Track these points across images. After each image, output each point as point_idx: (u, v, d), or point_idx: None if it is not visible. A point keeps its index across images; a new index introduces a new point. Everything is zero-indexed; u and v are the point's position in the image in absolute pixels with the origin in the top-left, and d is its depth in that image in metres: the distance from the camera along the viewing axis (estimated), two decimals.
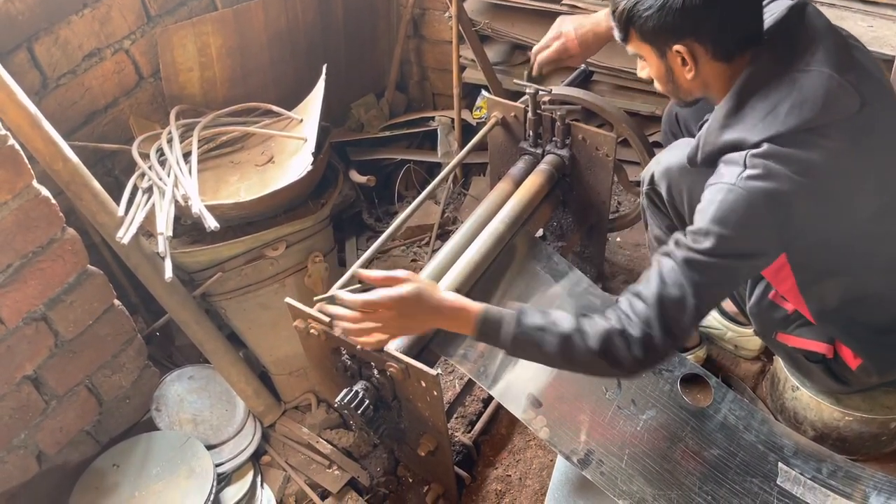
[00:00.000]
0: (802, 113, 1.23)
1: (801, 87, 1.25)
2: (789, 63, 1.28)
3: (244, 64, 2.22)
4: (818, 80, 1.24)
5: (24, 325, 1.59)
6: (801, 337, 1.58)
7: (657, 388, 1.74)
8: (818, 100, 1.23)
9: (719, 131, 1.33)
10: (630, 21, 1.33)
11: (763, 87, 1.28)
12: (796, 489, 1.62)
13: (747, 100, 1.30)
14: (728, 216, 1.24)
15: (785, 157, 1.23)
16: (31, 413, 1.66)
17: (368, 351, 1.45)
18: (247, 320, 1.97)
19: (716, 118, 1.35)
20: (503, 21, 2.49)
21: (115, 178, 2.04)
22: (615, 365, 1.31)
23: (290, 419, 2.03)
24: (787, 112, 1.24)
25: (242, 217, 1.86)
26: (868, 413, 1.64)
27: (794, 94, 1.24)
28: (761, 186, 1.23)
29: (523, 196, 1.85)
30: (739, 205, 1.24)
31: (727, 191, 1.25)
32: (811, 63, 1.26)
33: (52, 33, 1.79)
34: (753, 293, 1.61)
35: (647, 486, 1.58)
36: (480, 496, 1.82)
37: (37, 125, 1.58)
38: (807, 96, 1.24)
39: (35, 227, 1.54)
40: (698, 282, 1.26)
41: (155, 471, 1.77)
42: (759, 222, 1.25)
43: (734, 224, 1.24)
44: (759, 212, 1.24)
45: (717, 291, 1.32)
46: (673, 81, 1.40)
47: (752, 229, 1.26)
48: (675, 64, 1.35)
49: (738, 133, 1.29)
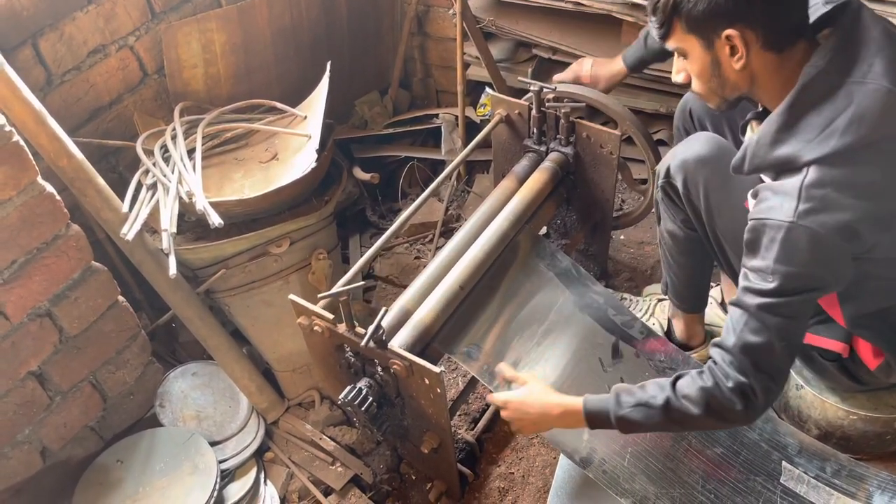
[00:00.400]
0: (860, 129, 1.17)
1: (858, 101, 1.18)
2: (846, 72, 1.21)
3: (248, 61, 2.22)
4: (877, 94, 1.18)
5: (29, 320, 1.59)
6: (817, 335, 1.56)
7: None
8: (875, 115, 1.17)
9: (771, 146, 1.27)
10: (676, 9, 1.26)
11: (818, 101, 1.22)
12: (800, 488, 1.62)
13: (801, 113, 1.23)
14: (793, 255, 1.21)
15: (843, 181, 1.18)
16: (35, 409, 1.67)
17: (372, 348, 1.46)
18: (250, 317, 1.97)
19: (766, 132, 1.28)
20: (507, 18, 2.48)
21: (119, 174, 2.05)
22: (725, 420, 1.33)
23: (294, 416, 2.03)
24: (844, 129, 1.18)
25: (246, 214, 1.86)
26: (873, 412, 1.63)
27: (852, 109, 1.18)
28: (823, 221, 1.18)
29: (527, 194, 1.85)
30: (803, 243, 1.19)
31: (787, 229, 1.20)
32: (868, 74, 1.20)
33: (57, 29, 1.79)
34: None
35: (649, 484, 1.58)
36: (483, 493, 1.82)
37: (41, 121, 1.59)
38: (864, 112, 1.18)
39: (40, 223, 1.55)
40: (777, 323, 1.25)
41: (159, 467, 1.77)
42: (826, 255, 1.22)
43: (801, 262, 1.21)
44: (826, 245, 1.20)
45: (798, 324, 1.29)
46: (719, 75, 1.32)
47: (820, 263, 1.23)
48: (722, 54, 1.27)
49: (792, 148, 1.23)
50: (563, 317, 1.77)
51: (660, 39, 1.35)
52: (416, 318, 1.58)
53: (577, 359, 1.72)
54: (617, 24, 2.29)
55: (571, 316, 1.79)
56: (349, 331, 1.50)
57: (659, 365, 1.78)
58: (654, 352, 1.80)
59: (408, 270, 2.46)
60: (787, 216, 1.20)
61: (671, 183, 1.66)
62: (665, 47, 1.36)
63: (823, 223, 1.19)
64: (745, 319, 1.27)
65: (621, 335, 1.80)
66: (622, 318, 1.82)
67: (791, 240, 1.20)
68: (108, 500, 1.71)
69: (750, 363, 1.27)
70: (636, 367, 1.76)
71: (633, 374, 1.75)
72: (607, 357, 1.76)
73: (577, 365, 1.71)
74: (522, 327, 1.72)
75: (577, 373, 1.70)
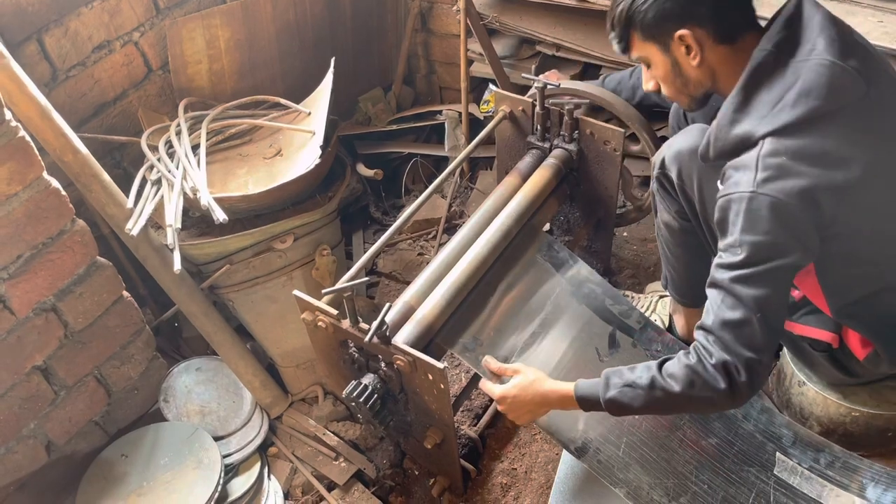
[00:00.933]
0: (808, 101, 1.23)
1: (805, 76, 1.25)
2: (791, 54, 1.28)
3: (252, 57, 2.22)
4: (821, 68, 1.24)
5: (34, 315, 1.60)
6: (807, 325, 1.58)
7: None
8: (822, 87, 1.23)
9: (729, 126, 1.33)
10: (630, 22, 1.36)
11: (767, 80, 1.29)
12: (793, 479, 1.63)
13: (753, 93, 1.30)
14: (756, 223, 1.24)
15: (797, 150, 1.23)
16: (40, 403, 1.68)
17: (376, 344, 1.46)
18: (254, 312, 1.98)
19: (724, 114, 1.35)
20: (511, 15, 2.48)
21: (123, 170, 2.05)
22: (711, 402, 1.32)
23: (297, 411, 2.04)
24: (794, 102, 1.24)
25: (251, 210, 1.87)
26: (875, 409, 1.63)
27: (799, 84, 1.25)
28: (781, 186, 1.22)
29: (530, 190, 1.85)
30: (764, 210, 1.23)
31: (748, 199, 1.25)
32: (812, 52, 1.26)
33: (62, 25, 1.80)
34: None
35: (644, 474, 1.59)
36: (486, 489, 1.83)
37: (47, 117, 1.59)
38: (811, 85, 1.24)
39: (45, 218, 1.55)
40: (751, 295, 1.26)
41: (163, 461, 1.78)
42: (788, 221, 1.24)
43: (765, 229, 1.24)
44: (785, 211, 1.23)
45: (774, 296, 1.29)
46: (681, 75, 1.40)
47: (783, 229, 1.24)
48: (679, 54, 1.36)
49: (747, 126, 1.29)
50: (560, 307, 1.77)
51: (622, 53, 1.44)
52: (419, 314, 1.58)
53: (575, 348, 1.73)
54: None
55: (568, 306, 1.79)
56: (353, 326, 1.50)
57: (656, 355, 1.79)
58: (651, 341, 1.80)
59: (411, 267, 2.46)
60: (748, 187, 1.25)
61: (666, 174, 1.68)
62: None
63: (781, 189, 1.22)
64: (721, 296, 1.30)
65: (618, 325, 1.80)
66: (619, 307, 1.83)
67: (752, 209, 1.24)
68: (113, 494, 1.72)
69: (730, 339, 1.28)
70: (633, 357, 1.77)
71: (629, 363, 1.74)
72: (604, 347, 1.77)
73: (574, 355, 1.72)
74: (520, 318, 1.73)
75: (575, 363, 1.71)
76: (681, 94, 1.46)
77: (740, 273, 1.27)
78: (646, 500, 1.54)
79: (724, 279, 1.29)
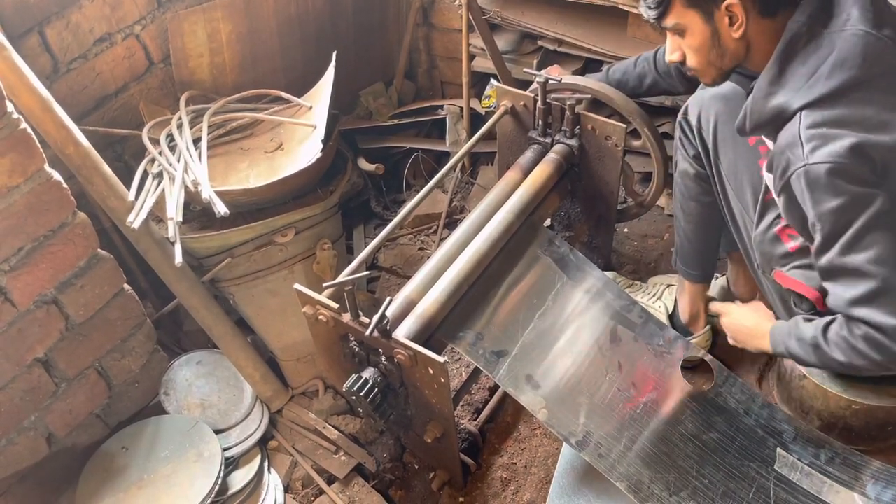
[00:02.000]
0: (843, 72, 1.24)
1: (839, 47, 1.26)
2: (825, 25, 1.29)
3: (254, 50, 2.22)
4: (855, 38, 1.25)
5: (36, 307, 1.60)
6: (795, 278, 1.57)
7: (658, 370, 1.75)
8: (857, 57, 1.24)
9: (765, 99, 1.34)
10: None
11: (802, 51, 1.30)
12: (793, 475, 1.63)
13: (788, 65, 1.31)
14: (822, 193, 1.25)
15: (835, 119, 1.24)
16: (41, 395, 1.68)
17: (377, 338, 1.46)
18: (255, 306, 1.98)
19: (760, 87, 1.36)
20: (513, 10, 2.48)
21: (124, 163, 2.05)
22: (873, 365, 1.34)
23: (298, 405, 2.04)
24: (829, 73, 1.25)
25: (252, 203, 1.87)
26: (875, 401, 1.63)
27: (834, 55, 1.26)
28: (830, 150, 1.23)
29: (532, 186, 1.85)
30: (823, 178, 1.24)
31: (805, 174, 1.26)
32: (847, 23, 1.27)
33: (64, 17, 1.79)
34: (761, 222, 1.60)
35: (644, 468, 1.59)
36: (486, 483, 1.83)
37: (48, 109, 1.59)
38: (846, 55, 1.24)
39: (46, 210, 1.55)
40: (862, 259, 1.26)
41: (163, 454, 1.78)
42: (850, 177, 1.24)
43: (833, 194, 1.24)
44: (844, 169, 1.23)
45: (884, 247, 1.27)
46: (719, 46, 1.39)
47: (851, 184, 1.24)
48: (722, 24, 1.36)
49: (782, 98, 1.30)
50: (561, 302, 1.77)
51: (655, 20, 1.42)
52: (420, 308, 1.58)
53: (575, 342, 1.73)
54: (623, 16, 2.29)
55: (569, 302, 1.79)
56: (354, 320, 1.50)
57: (658, 349, 1.79)
58: (652, 336, 1.81)
59: (411, 261, 2.46)
60: (799, 163, 1.26)
61: (687, 119, 1.72)
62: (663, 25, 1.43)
63: (830, 152, 1.23)
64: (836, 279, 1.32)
65: (620, 320, 1.80)
66: (621, 302, 1.83)
67: (812, 181, 1.25)
68: (113, 486, 1.72)
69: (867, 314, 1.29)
70: (634, 351, 1.78)
71: (631, 358, 1.76)
72: (606, 341, 1.77)
73: (574, 348, 1.72)
74: (520, 313, 1.73)
75: (575, 356, 1.71)
76: (711, 65, 1.45)
77: (837, 247, 1.27)
78: (646, 494, 1.54)
79: (828, 261, 1.30)
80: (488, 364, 1.61)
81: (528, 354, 1.66)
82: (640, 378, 1.73)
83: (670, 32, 1.45)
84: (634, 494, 1.54)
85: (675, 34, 1.44)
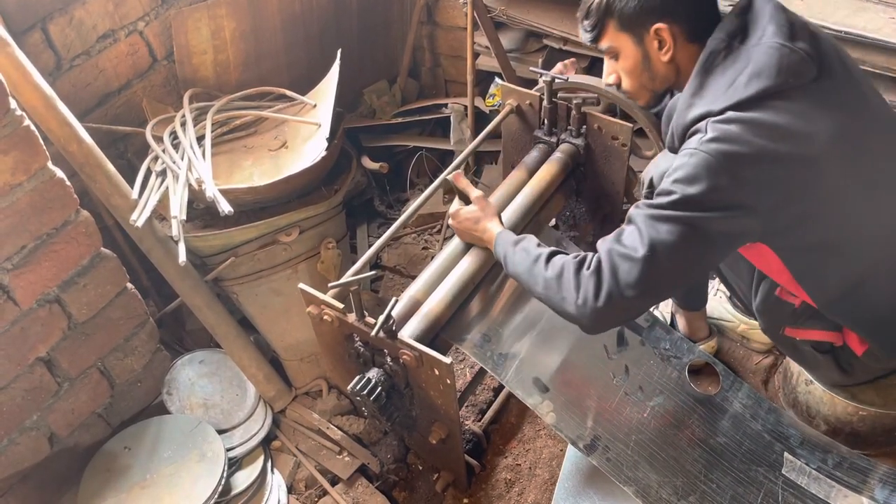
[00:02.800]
0: (760, 81, 1.26)
1: (756, 59, 1.28)
2: (743, 41, 1.33)
3: (258, 47, 2.21)
4: (771, 50, 1.28)
5: (38, 306, 1.59)
6: (810, 329, 1.57)
7: (665, 374, 1.74)
8: (772, 68, 1.26)
9: (686, 110, 1.36)
10: (609, 10, 1.40)
11: (721, 65, 1.33)
12: (801, 479, 1.62)
13: (707, 78, 1.34)
14: (688, 175, 1.26)
15: (747, 121, 1.25)
16: (43, 395, 1.67)
17: (382, 338, 1.45)
18: (259, 305, 1.97)
19: (683, 100, 1.39)
20: (518, 8, 2.47)
21: (127, 160, 2.04)
22: (559, 301, 1.37)
23: (301, 405, 2.03)
24: (747, 82, 1.27)
25: (256, 202, 1.86)
26: (882, 407, 1.63)
27: (751, 66, 1.28)
28: (718, 148, 1.24)
29: (537, 185, 1.84)
30: (699, 165, 1.25)
31: (689, 154, 1.27)
32: (762, 38, 1.30)
33: (67, 14, 1.78)
34: (759, 292, 1.60)
35: (652, 472, 1.58)
36: (490, 485, 1.82)
37: (52, 106, 1.58)
38: (762, 66, 1.27)
39: (49, 208, 1.54)
40: (655, 237, 1.28)
41: (166, 454, 1.77)
42: (717, 180, 1.25)
43: (694, 182, 1.25)
44: (719, 170, 1.24)
45: (674, 250, 1.29)
46: (650, 69, 1.44)
47: (711, 186, 1.25)
48: (651, 48, 1.40)
49: (702, 108, 1.32)
50: None
51: (591, 42, 1.48)
52: (425, 308, 1.57)
53: (582, 344, 1.73)
54: None
55: None
56: (359, 320, 1.49)
57: (664, 353, 1.78)
58: (659, 340, 1.80)
59: (415, 261, 2.45)
60: (692, 146, 1.27)
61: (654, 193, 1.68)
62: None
63: (717, 149, 1.24)
64: (628, 230, 1.33)
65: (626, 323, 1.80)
66: None
67: (689, 163, 1.26)
68: (116, 486, 1.71)
69: (610, 265, 1.31)
70: (641, 355, 1.77)
71: (638, 362, 1.75)
72: (612, 345, 1.76)
73: (581, 351, 1.72)
74: (527, 314, 1.72)
75: (582, 360, 1.70)
76: (643, 88, 1.49)
77: (656, 213, 1.29)
78: (654, 499, 1.53)
79: (639, 214, 1.31)
80: (496, 366, 1.60)
81: (535, 357, 1.65)
82: (647, 382, 1.71)
83: (606, 55, 1.50)
84: (642, 499, 1.53)
85: (610, 57, 1.49)
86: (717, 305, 2.03)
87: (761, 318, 1.65)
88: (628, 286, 1.30)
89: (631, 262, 1.29)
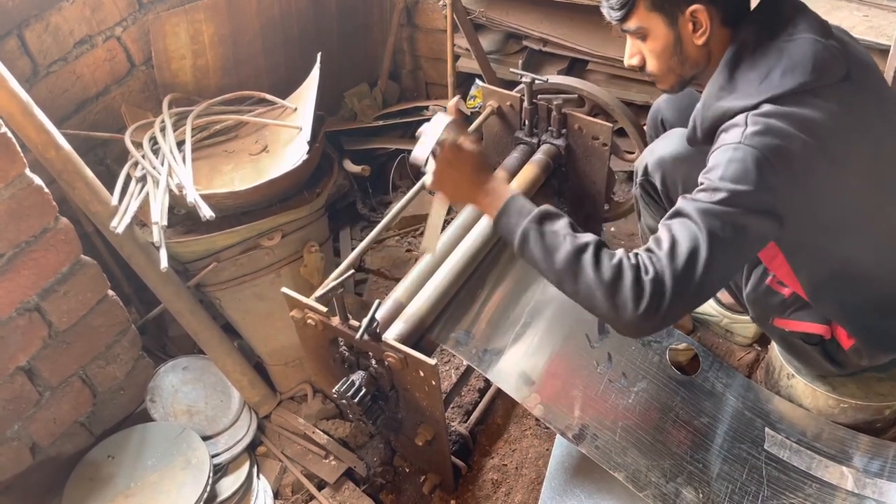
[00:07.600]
0: (795, 76, 1.25)
1: (790, 53, 1.27)
2: (775, 34, 1.31)
3: (237, 52, 2.20)
4: (805, 45, 1.27)
5: (18, 315, 1.57)
6: (799, 320, 1.59)
7: (647, 359, 1.78)
8: (808, 63, 1.25)
9: (714, 103, 1.33)
10: None
11: (751, 58, 1.31)
12: (783, 453, 1.66)
13: (737, 71, 1.32)
14: (738, 172, 1.21)
15: (786, 114, 1.23)
16: (24, 404, 1.65)
17: (367, 341, 1.45)
18: (242, 310, 1.96)
19: (709, 93, 1.36)
20: (498, 10, 2.48)
21: (106, 167, 2.02)
22: (615, 305, 1.21)
23: (286, 410, 2.02)
24: (781, 77, 1.26)
25: (237, 206, 1.85)
26: (863, 400, 1.65)
27: (785, 61, 1.27)
28: (767, 142, 1.22)
29: (518, 186, 1.85)
30: (748, 160, 1.21)
31: (734, 149, 1.23)
32: (795, 33, 1.29)
33: (43, 20, 1.76)
34: (750, 280, 1.62)
35: (640, 457, 1.60)
36: (477, 485, 1.82)
37: (29, 113, 1.56)
38: (797, 61, 1.26)
39: (28, 216, 1.52)
40: (712, 232, 1.20)
41: (150, 462, 1.76)
42: (769, 177, 1.22)
43: (745, 179, 1.21)
44: (769, 166, 1.21)
45: (729, 251, 1.23)
46: (680, 52, 1.38)
47: (763, 184, 1.21)
48: (685, 30, 1.35)
49: (734, 101, 1.29)
50: (549, 297, 1.77)
51: (618, 21, 1.40)
52: (409, 310, 1.57)
53: (565, 335, 1.74)
54: None
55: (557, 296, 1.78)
56: (343, 324, 1.49)
57: (645, 339, 1.80)
58: None
59: (399, 263, 2.45)
60: (735, 140, 1.24)
61: (650, 180, 1.69)
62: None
63: (766, 143, 1.22)
64: (680, 226, 1.23)
65: None
66: None
67: (737, 158, 1.22)
68: (99, 495, 1.69)
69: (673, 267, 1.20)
70: (623, 342, 1.79)
71: (620, 349, 1.78)
72: (594, 333, 1.78)
73: (564, 341, 1.73)
74: (510, 310, 1.73)
75: (565, 349, 1.72)
76: (671, 72, 1.43)
77: (711, 208, 1.21)
78: (644, 483, 1.56)
79: (691, 208, 1.23)
80: (481, 362, 1.61)
81: (520, 351, 1.66)
82: (629, 368, 1.74)
83: (631, 36, 1.43)
84: (633, 484, 1.54)
85: (636, 38, 1.42)
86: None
87: (751, 307, 1.66)
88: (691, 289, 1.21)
89: (696, 266, 1.20)
